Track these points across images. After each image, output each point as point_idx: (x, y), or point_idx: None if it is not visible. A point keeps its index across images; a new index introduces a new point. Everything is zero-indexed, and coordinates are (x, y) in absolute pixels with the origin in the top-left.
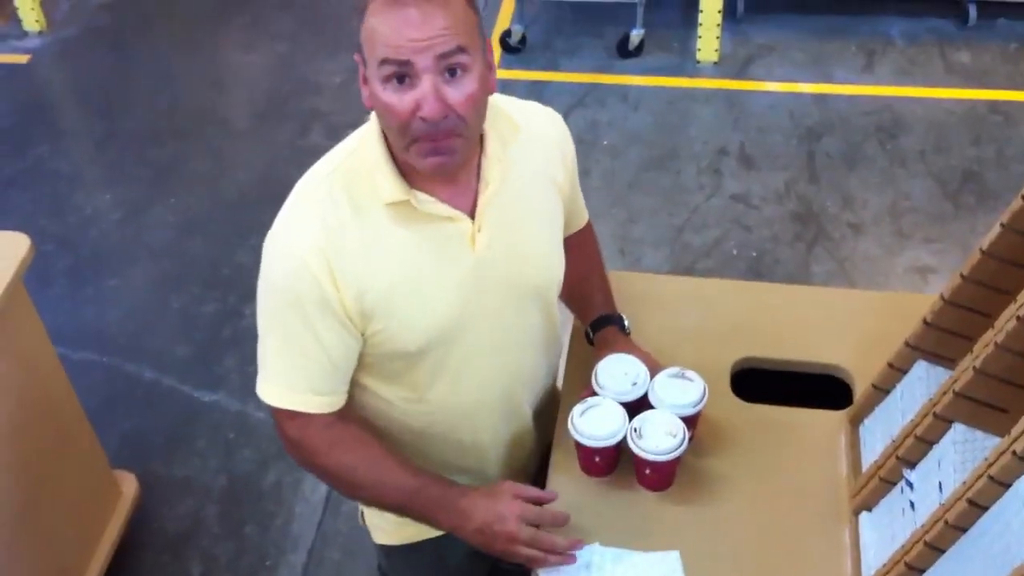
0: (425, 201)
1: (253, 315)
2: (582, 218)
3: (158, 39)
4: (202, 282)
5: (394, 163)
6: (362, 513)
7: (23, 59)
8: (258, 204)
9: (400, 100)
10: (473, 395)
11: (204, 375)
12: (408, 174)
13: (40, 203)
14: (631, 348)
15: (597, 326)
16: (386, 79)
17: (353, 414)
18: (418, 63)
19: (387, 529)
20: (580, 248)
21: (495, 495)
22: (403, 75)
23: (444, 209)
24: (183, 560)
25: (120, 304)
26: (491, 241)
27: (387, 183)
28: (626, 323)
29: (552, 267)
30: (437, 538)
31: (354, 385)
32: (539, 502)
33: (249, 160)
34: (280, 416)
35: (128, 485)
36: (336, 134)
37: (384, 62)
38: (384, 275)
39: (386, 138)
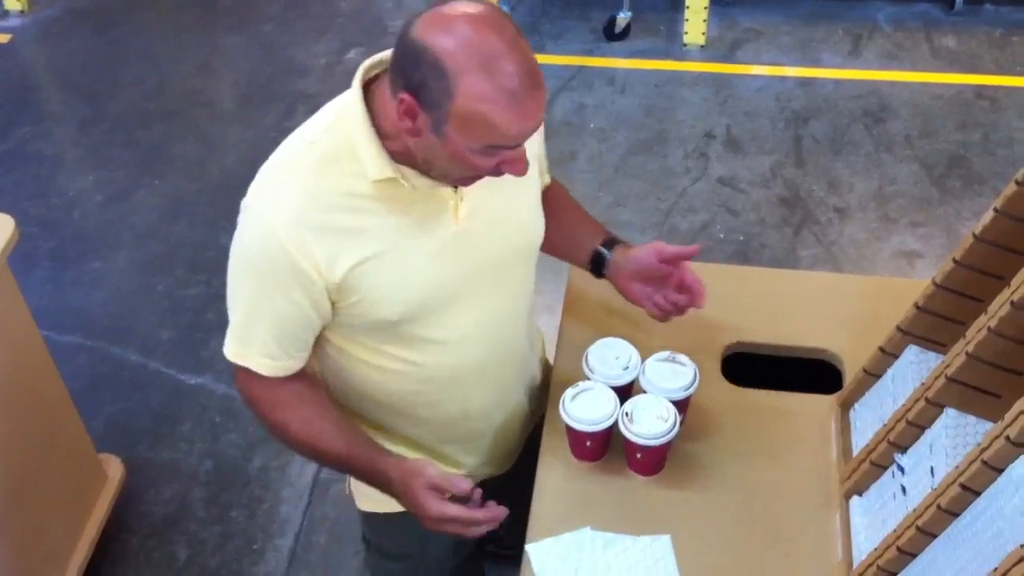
0: (411, 176)
1: None
2: (546, 178)
3: (142, 19)
4: (187, 265)
5: (380, 142)
6: (349, 481)
7: (4, 39)
8: (243, 187)
9: (488, 161)
10: (461, 361)
11: (189, 358)
12: (393, 152)
13: (22, 185)
14: (638, 250)
15: (599, 260)
16: (485, 152)
17: (310, 374)
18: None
19: (372, 496)
20: (552, 201)
21: (408, 470)
22: None
23: (429, 182)
24: (169, 544)
25: (104, 287)
26: (473, 211)
27: (374, 161)
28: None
29: (534, 228)
30: None
31: (347, 356)
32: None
33: (234, 142)
34: (233, 366)
35: (114, 469)
36: None
37: (493, 147)
38: (362, 248)
39: (371, 117)
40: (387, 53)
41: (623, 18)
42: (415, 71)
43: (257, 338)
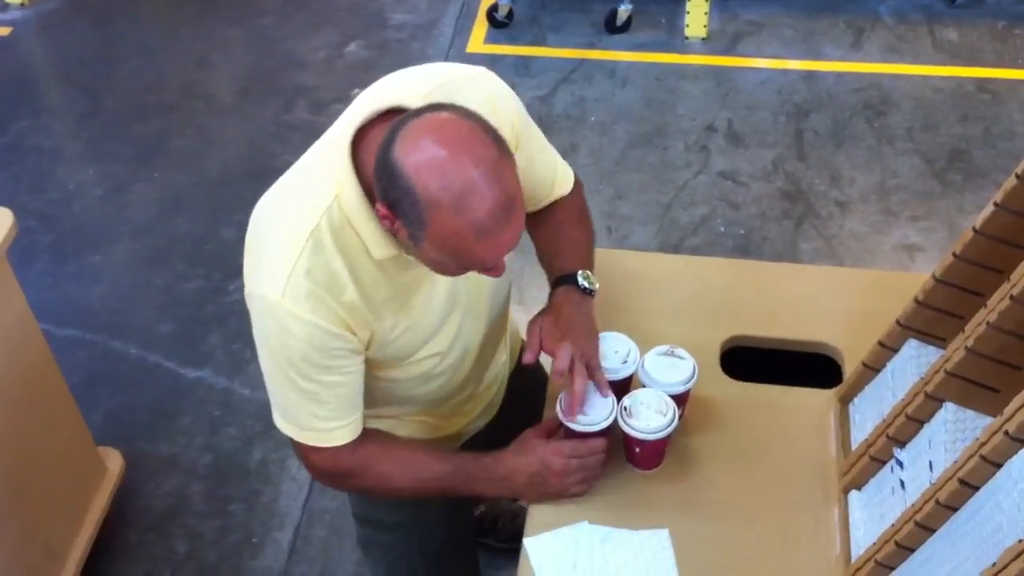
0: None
1: (237, 291)
2: (563, 183)
3: (141, 13)
4: (186, 258)
5: (379, 222)
6: None
7: (4, 31)
8: (242, 180)
9: (465, 271)
10: (452, 361)
11: (189, 352)
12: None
13: (21, 179)
14: (572, 311)
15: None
16: (460, 267)
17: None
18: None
19: None
20: (555, 212)
21: (526, 449)
22: None
23: None
24: (168, 537)
25: (104, 281)
26: None
27: (377, 243)
28: (584, 283)
29: None
30: None
31: None
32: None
33: (234, 136)
34: (307, 451)
35: (113, 462)
36: (321, 110)
37: (467, 268)
38: (379, 311)
39: (370, 200)
40: (367, 108)
41: (624, 11)
42: (392, 190)
43: (330, 416)
